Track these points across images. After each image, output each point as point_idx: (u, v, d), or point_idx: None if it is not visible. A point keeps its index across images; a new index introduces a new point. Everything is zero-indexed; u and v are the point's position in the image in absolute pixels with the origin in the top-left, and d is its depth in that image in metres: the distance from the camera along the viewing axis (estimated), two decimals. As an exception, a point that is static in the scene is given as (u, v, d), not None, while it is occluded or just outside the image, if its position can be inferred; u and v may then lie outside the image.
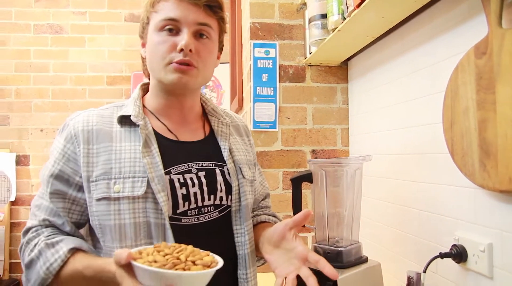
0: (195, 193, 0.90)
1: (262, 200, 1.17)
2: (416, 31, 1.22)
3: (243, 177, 0.99)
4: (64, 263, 0.80)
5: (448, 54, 1.06)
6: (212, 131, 1.01)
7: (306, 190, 1.69)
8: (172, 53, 0.87)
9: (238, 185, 0.97)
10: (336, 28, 1.37)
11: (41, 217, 0.87)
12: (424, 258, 1.06)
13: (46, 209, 0.87)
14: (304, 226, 1.18)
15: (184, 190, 0.88)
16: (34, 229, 0.87)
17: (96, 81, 3.25)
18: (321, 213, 1.25)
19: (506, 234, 0.86)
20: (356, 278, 1.12)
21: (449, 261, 0.99)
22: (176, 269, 0.62)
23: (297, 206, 1.24)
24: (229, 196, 0.95)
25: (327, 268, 0.79)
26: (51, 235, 0.85)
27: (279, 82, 1.80)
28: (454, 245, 0.98)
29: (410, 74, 1.26)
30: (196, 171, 0.92)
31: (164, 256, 0.65)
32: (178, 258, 0.64)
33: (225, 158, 0.97)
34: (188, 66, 0.88)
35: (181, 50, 0.86)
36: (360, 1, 1.14)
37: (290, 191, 1.29)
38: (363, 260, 1.20)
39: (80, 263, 0.79)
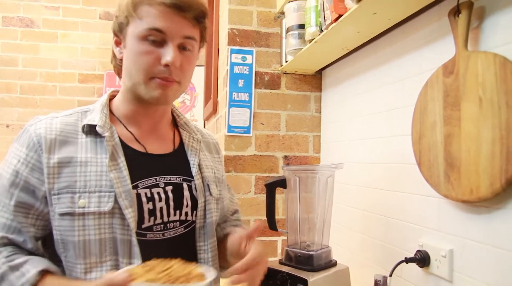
0: (161, 208, 0.87)
1: (231, 215, 1.14)
2: (389, 46, 1.28)
3: (210, 194, 0.97)
4: None
5: (418, 71, 1.12)
6: (182, 144, 0.99)
7: (278, 195, 1.73)
8: (156, 67, 0.84)
9: (205, 202, 0.95)
10: (313, 39, 1.42)
11: None
12: (390, 262, 1.11)
13: (3, 226, 0.80)
14: (277, 229, 1.22)
15: (150, 205, 0.86)
16: None
17: (68, 78, 3.19)
18: (293, 218, 1.29)
19: (466, 240, 0.92)
20: (325, 281, 1.17)
21: (413, 265, 1.05)
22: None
23: (271, 211, 1.28)
24: (194, 212, 0.93)
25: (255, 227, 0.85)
26: (11, 255, 0.78)
27: (254, 88, 1.84)
28: (418, 251, 1.04)
29: (382, 87, 1.32)
30: (163, 186, 0.90)
31: (158, 274, 0.64)
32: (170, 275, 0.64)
33: (193, 174, 0.95)
34: (170, 81, 0.86)
35: (166, 65, 0.83)
36: (338, 15, 1.19)
37: (262, 195, 1.32)
38: (332, 264, 1.25)
39: None
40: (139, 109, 0.92)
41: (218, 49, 2.19)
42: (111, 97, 0.96)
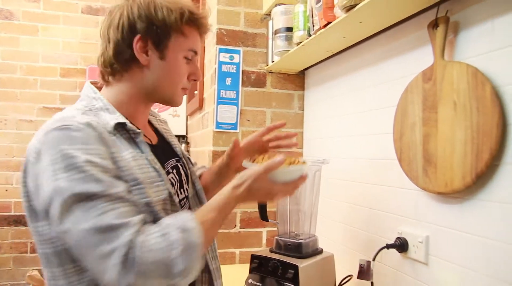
0: (176, 191, 1.00)
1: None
2: (372, 51, 1.39)
3: (192, 165, 1.13)
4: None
5: (399, 75, 1.23)
6: (156, 130, 1.09)
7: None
8: (185, 80, 0.97)
9: (191, 173, 1.10)
10: (301, 42, 1.52)
11: (135, 220, 0.75)
12: (372, 249, 1.23)
13: (131, 210, 0.77)
14: (268, 220, 1.32)
15: (175, 189, 0.99)
16: (130, 241, 0.72)
17: (49, 72, 3.17)
18: (283, 209, 1.39)
19: (440, 228, 1.04)
20: (313, 267, 1.28)
21: (393, 251, 1.17)
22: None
23: (262, 203, 1.37)
24: (189, 185, 1.08)
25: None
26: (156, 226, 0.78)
27: (241, 86, 1.92)
28: (397, 238, 1.17)
29: (365, 88, 1.43)
30: (172, 170, 1.01)
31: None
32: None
33: (178, 153, 1.08)
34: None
35: (194, 80, 0.99)
36: (327, 22, 1.29)
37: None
38: (319, 252, 1.36)
39: (207, 211, 0.84)
40: (143, 107, 0.99)
41: (204, 47, 2.26)
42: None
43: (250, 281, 1.32)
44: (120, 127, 0.88)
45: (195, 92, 2.36)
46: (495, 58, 0.91)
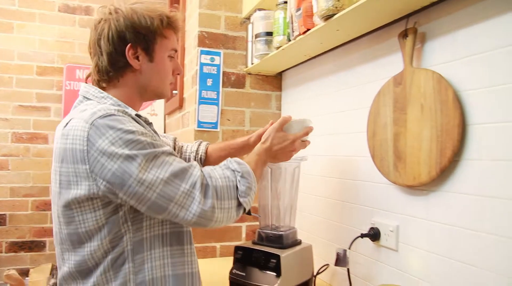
0: None
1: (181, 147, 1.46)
2: (347, 56, 1.50)
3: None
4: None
5: (371, 79, 1.35)
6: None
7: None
8: (171, 76, 1.13)
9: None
10: (281, 46, 1.61)
11: (194, 162, 0.97)
12: (347, 240, 1.34)
13: (180, 162, 0.94)
14: (250, 214, 1.40)
15: None
16: (201, 175, 0.94)
17: (25, 70, 3.12)
18: (265, 203, 1.48)
19: (408, 217, 1.16)
20: (294, 256, 1.37)
21: (367, 240, 1.29)
22: None
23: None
24: None
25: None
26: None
27: (222, 87, 2.00)
28: (371, 228, 1.28)
29: (339, 91, 1.54)
30: None
31: None
32: None
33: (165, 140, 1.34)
34: None
35: (178, 74, 1.15)
36: (306, 29, 1.39)
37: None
38: (298, 243, 1.46)
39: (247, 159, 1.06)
40: (138, 106, 1.11)
41: (184, 48, 2.32)
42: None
43: (234, 271, 1.40)
44: (137, 118, 1.01)
45: (174, 92, 2.42)
46: (457, 66, 1.03)
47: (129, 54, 1.01)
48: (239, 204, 0.97)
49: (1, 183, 3.07)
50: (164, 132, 3.06)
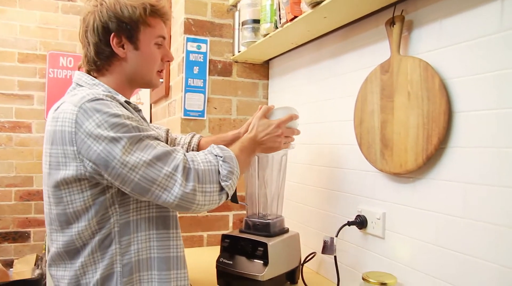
0: None
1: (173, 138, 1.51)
2: (333, 44, 1.49)
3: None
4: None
5: (358, 67, 1.34)
6: None
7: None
8: (160, 63, 1.15)
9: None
10: (268, 34, 1.60)
11: (178, 147, 1.05)
12: (334, 228, 1.35)
13: (164, 146, 0.97)
14: (237, 202, 1.40)
15: None
16: (184, 158, 0.96)
17: (6, 57, 3.05)
18: (252, 192, 1.48)
19: (395, 205, 1.17)
20: (281, 244, 1.37)
21: (353, 228, 1.29)
22: None
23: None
24: None
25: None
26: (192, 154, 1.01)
27: (208, 75, 1.98)
28: (357, 216, 1.29)
29: (325, 78, 1.54)
30: None
31: None
32: None
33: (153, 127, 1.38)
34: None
35: (168, 61, 1.17)
36: (293, 16, 1.37)
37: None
38: (285, 231, 1.46)
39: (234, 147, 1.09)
40: (128, 95, 1.15)
41: (171, 35, 2.28)
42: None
43: (221, 259, 1.40)
44: (126, 104, 1.04)
45: (161, 80, 2.39)
46: (443, 54, 1.03)
47: (113, 43, 1.06)
48: (222, 189, 0.99)
49: (-17, 173, 3.02)
50: (151, 122, 3.02)
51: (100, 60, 1.08)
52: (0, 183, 3.04)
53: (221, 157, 1.01)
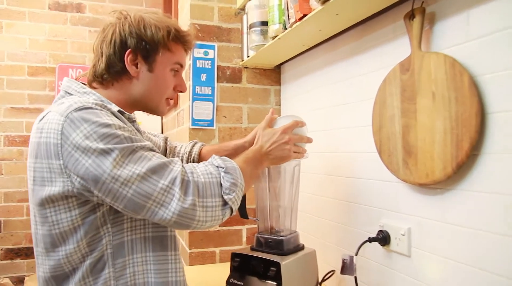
0: None
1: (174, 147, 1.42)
2: (348, 44, 1.38)
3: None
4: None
5: (376, 67, 1.23)
6: None
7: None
8: (172, 91, 1.07)
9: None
10: (277, 36, 1.49)
11: (175, 159, 0.91)
12: (354, 244, 1.22)
13: (160, 157, 0.89)
14: (247, 217, 1.30)
15: None
16: (182, 170, 0.88)
17: (16, 71, 3.02)
18: (263, 206, 1.37)
19: (422, 219, 1.04)
20: (295, 263, 1.26)
21: (375, 244, 1.17)
22: None
23: (242, 200, 1.34)
24: None
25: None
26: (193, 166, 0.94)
27: (217, 82, 1.89)
28: (379, 231, 1.16)
29: (340, 81, 1.42)
30: None
31: None
32: None
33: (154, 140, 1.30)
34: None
35: (180, 91, 1.09)
36: (302, 15, 1.27)
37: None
38: (300, 248, 1.34)
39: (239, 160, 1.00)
40: (131, 112, 1.06)
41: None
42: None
43: (231, 280, 1.30)
44: (119, 114, 0.96)
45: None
46: (472, 48, 0.90)
47: (127, 60, 0.99)
48: (225, 203, 0.90)
49: (-6, 186, 2.98)
50: (162, 133, 2.95)
51: (109, 74, 1.00)
52: (12, 198, 3.00)
53: (223, 168, 0.92)
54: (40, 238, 0.91)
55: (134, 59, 1.00)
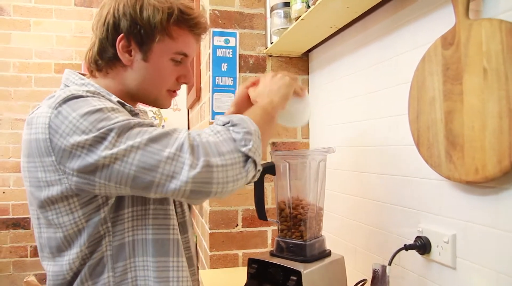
0: None
1: None
2: (379, 22, 1.21)
3: None
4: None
5: (413, 46, 1.05)
6: None
7: (266, 183, 1.66)
8: (174, 83, 0.94)
9: None
10: (300, 16, 1.34)
11: (181, 130, 0.79)
12: (387, 250, 1.05)
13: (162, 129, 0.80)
14: (266, 219, 1.15)
15: None
16: (188, 135, 0.77)
17: (43, 68, 3.03)
18: (284, 206, 1.22)
19: (470, 224, 0.86)
20: (320, 272, 1.10)
21: (413, 253, 0.99)
22: None
23: (259, 199, 1.20)
24: None
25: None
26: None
27: (239, 72, 1.75)
28: (418, 237, 0.98)
29: (373, 66, 1.25)
30: None
31: None
32: None
33: None
34: (176, 91, 0.98)
35: (184, 83, 0.95)
36: (326, -12, 1.11)
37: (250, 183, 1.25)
38: (326, 254, 1.19)
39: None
40: (134, 105, 0.98)
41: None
42: None
43: (248, 289, 1.16)
44: (119, 105, 0.86)
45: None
46: (535, 10, 0.72)
47: (119, 46, 0.87)
48: (246, 157, 0.78)
49: (23, 186, 2.97)
50: (188, 128, 2.86)
51: (102, 60, 0.90)
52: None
53: (228, 122, 0.81)
54: (45, 242, 0.85)
55: (128, 46, 0.88)
